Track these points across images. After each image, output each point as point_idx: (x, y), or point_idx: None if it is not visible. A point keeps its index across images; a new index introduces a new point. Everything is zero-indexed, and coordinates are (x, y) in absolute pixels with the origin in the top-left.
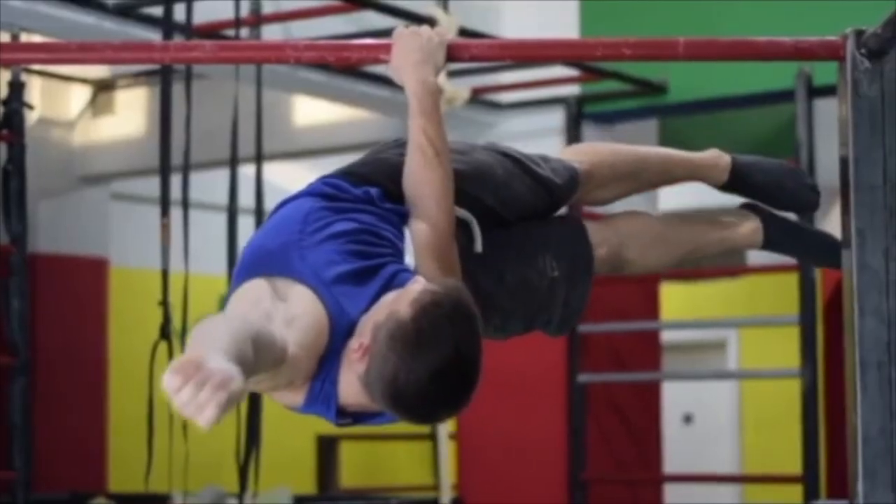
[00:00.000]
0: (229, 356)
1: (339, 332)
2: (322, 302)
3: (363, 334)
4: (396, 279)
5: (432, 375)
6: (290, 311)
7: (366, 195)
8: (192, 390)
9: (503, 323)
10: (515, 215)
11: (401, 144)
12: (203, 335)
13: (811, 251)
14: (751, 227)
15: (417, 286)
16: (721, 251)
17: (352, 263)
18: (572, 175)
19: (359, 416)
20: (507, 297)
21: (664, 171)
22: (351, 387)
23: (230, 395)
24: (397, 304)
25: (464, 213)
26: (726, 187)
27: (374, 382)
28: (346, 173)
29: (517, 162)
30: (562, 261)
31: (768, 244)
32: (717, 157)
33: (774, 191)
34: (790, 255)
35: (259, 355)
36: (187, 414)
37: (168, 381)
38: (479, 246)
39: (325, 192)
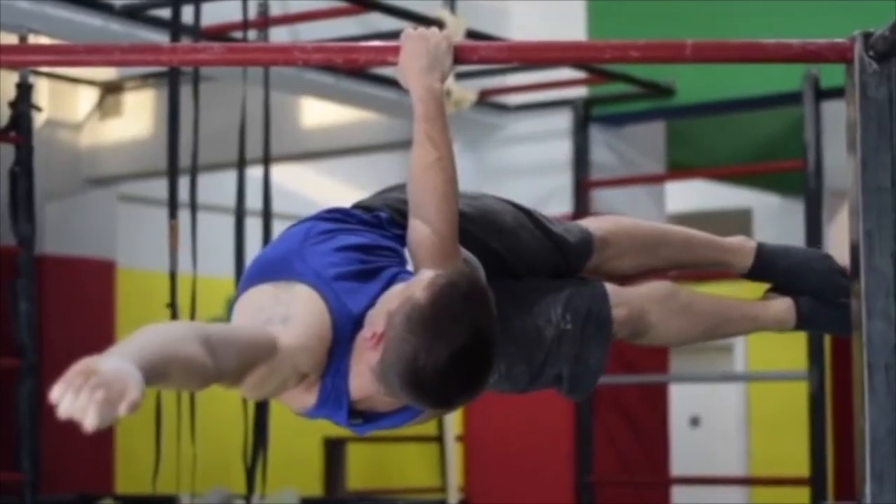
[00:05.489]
0: (139, 359)
1: (343, 326)
2: (322, 297)
3: (375, 324)
4: (397, 279)
5: (452, 355)
6: (289, 310)
7: (375, 219)
8: (71, 397)
9: (508, 370)
10: (524, 266)
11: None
12: (124, 342)
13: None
14: (783, 305)
15: (429, 272)
16: (750, 330)
17: (353, 265)
18: (585, 237)
19: (370, 417)
20: (510, 342)
21: (686, 250)
22: (363, 379)
23: (117, 395)
24: (410, 290)
25: (468, 254)
26: (752, 273)
27: (391, 368)
28: (354, 205)
29: (528, 214)
30: (576, 315)
31: (802, 321)
32: (742, 242)
33: (803, 273)
34: (830, 330)
35: (226, 352)
36: (76, 419)
37: (52, 391)
38: None
39: (333, 217)
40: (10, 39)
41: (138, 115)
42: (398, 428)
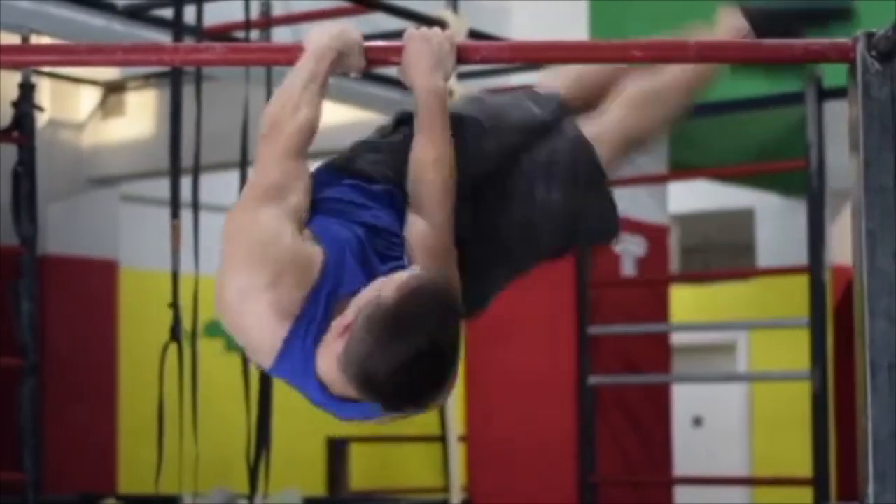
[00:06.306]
0: None
1: (327, 282)
2: (323, 250)
3: (347, 315)
4: (389, 273)
5: (403, 364)
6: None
7: (388, 195)
8: None
9: (507, 260)
10: (507, 145)
11: (385, 133)
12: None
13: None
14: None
15: (406, 273)
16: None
17: (363, 249)
18: (559, 107)
19: (339, 399)
20: (515, 241)
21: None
22: (328, 363)
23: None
24: (384, 287)
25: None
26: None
27: (349, 363)
28: (358, 171)
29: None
30: (564, 175)
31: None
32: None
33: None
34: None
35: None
36: None
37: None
38: None
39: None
40: (13, 39)
41: (140, 114)
42: (366, 421)
